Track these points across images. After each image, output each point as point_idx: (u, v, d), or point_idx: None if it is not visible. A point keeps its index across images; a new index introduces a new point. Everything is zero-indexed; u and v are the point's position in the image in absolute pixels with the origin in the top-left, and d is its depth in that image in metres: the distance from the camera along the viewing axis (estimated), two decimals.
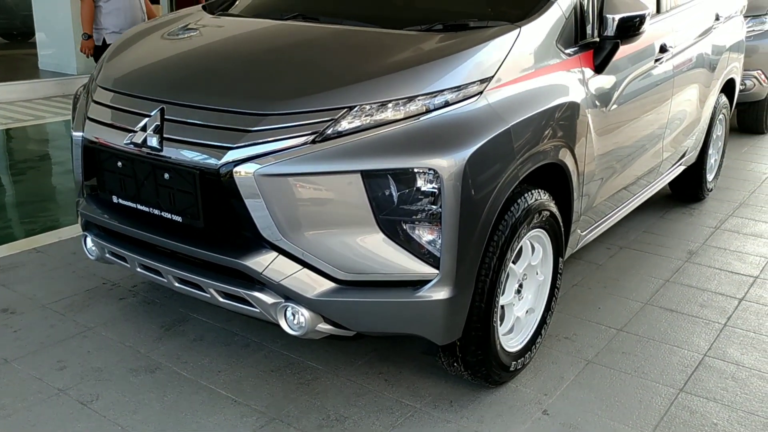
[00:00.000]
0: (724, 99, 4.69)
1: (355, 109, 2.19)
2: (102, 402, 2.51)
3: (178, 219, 2.35)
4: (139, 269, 2.59)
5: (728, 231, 4.34)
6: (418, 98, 2.23)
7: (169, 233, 2.40)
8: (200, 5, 3.47)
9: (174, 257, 2.43)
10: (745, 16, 5.15)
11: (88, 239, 2.75)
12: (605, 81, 2.93)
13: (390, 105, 2.21)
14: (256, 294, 2.27)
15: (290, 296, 2.23)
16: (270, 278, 2.20)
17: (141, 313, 3.14)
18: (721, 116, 4.73)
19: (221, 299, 2.39)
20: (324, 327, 2.30)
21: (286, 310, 2.28)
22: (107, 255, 2.71)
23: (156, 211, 2.40)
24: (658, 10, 3.55)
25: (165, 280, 2.52)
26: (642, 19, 2.80)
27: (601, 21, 2.78)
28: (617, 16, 2.75)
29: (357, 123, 2.19)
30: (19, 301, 3.21)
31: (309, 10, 3.03)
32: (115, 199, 2.53)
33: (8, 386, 2.59)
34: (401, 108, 2.22)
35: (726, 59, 4.47)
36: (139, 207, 2.45)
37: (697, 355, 2.93)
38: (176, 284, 2.49)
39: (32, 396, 2.54)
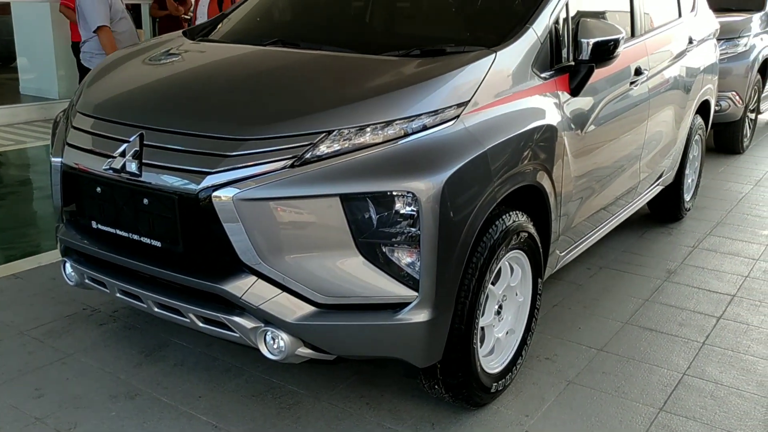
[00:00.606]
0: (699, 120, 4.77)
1: (334, 133, 2.22)
2: (80, 430, 2.49)
3: (158, 244, 2.35)
4: (118, 294, 2.58)
5: (706, 250, 4.39)
6: (396, 122, 2.25)
7: (148, 258, 2.39)
8: (180, 31, 3.50)
9: (153, 282, 2.43)
10: (719, 39, 5.25)
11: (68, 265, 2.74)
12: (581, 104, 2.98)
13: (368, 129, 2.24)
14: (236, 319, 2.26)
15: (270, 320, 2.23)
16: (249, 303, 2.20)
17: (121, 339, 3.12)
18: (697, 137, 4.81)
19: (201, 324, 2.38)
20: (304, 351, 2.30)
21: (265, 335, 2.28)
22: (86, 281, 2.70)
23: (135, 237, 2.40)
24: (633, 34, 3.62)
25: (144, 306, 2.52)
26: (616, 43, 2.86)
27: (576, 45, 2.83)
28: (592, 41, 2.80)
29: (336, 147, 2.21)
30: None
31: (288, 35, 3.06)
32: (94, 224, 2.52)
33: None
34: (379, 132, 2.24)
35: (700, 81, 4.55)
36: (119, 232, 2.45)
37: (677, 374, 2.95)
38: (156, 309, 2.48)
39: (8, 425, 2.51)
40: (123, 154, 2.35)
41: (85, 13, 5.28)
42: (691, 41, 4.38)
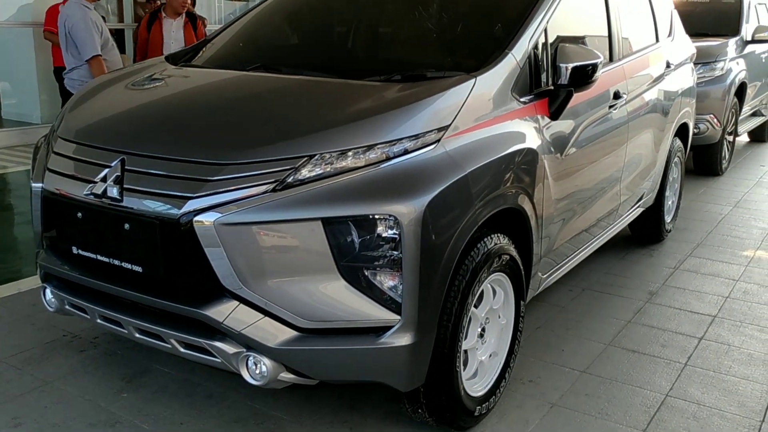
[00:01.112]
0: (678, 143, 4.84)
1: (316, 157, 2.23)
2: None
3: (138, 269, 2.34)
4: (99, 320, 2.56)
5: (687, 271, 4.43)
6: (378, 146, 2.27)
7: (129, 284, 2.38)
8: (163, 56, 3.51)
9: (134, 308, 2.41)
10: (696, 63, 5.35)
11: (48, 291, 2.71)
12: (561, 127, 3.01)
13: (350, 153, 2.25)
14: (217, 344, 2.25)
15: (252, 345, 2.22)
16: (231, 328, 2.19)
17: (102, 365, 3.09)
18: (676, 159, 4.87)
19: (182, 350, 2.36)
20: (286, 376, 2.29)
21: (247, 360, 2.26)
22: (67, 307, 2.67)
23: (116, 262, 2.39)
24: (611, 59, 3.68)
25: (125, 331, 2.49)
26: (594, 67, 2.90)
27: (555, 70, 2.87)
28: (570, 65, 2.84)
29: (318, 171, 2.22)
30: None
31: (271, 61, 3.08)
32: (74, 250, 2.51)
33: None
34: (361, 156, 2.25)
35: (678, 104, 4.62)
36: (99, 258, 2.43)
37: (660, 396, 2.96)
38: (137, 335, 2.46)
39: None
40: (104, 179, 2.35)
41: (78, 41, 5.33)
42: (668, 65, 4.46)
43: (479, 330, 2.67)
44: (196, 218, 2.17)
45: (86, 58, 5.33)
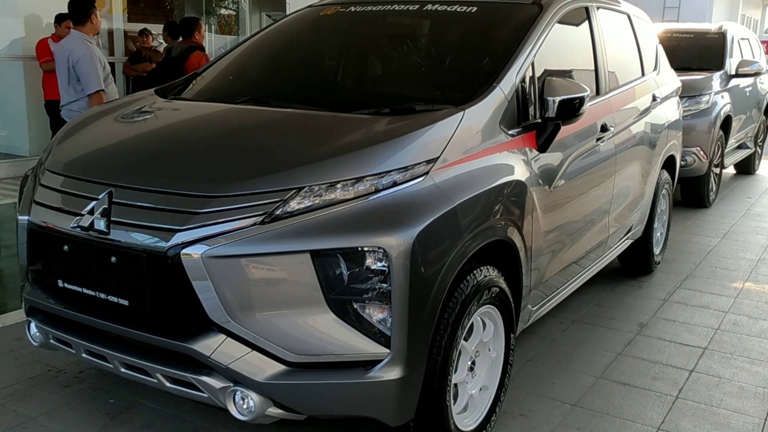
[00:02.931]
0: (666, 175, 4.88)
1: (304, 189, 2.23)
2: None
3: (125, 303, 2.31)
4: (84, 355, 2.52)
5: (677, 303, 4.43)
6: (367, 179, 2.27)
7: (115, 318, 2.35)
8: (153, 89, 3.52)
9: (120, 342, 2.38)
10: (681, 97, 5.42)
11: (32, 325, 2.68)
12: (549, 160, 3.03)
13: (339, 185, 2.25)
14: (204, 378, 2.22)
15: (239, 380, 2.19)
16: (218, 362, 2.16)
17: (87, 401, 3.04)
18: (664, 191, 4.90)
19: (168, 384, 2.33)
20: (274, 411, 2.26)
21: (234, 395, 2.23)
22: (51, 341, 2.63)
23: (102, 295, 2.36)
24: (598, 92, 3.72)
25: (111, 366, 2.46)
26: (581, 100, 2.93)
27: (543, 103, 2.89)
28: (557, 98, 2.87)
29: (306, 203, 2.21)
30: None
31: (260, 94, 3.10)
32: (60, 283, 2.48)
33: None
34: (350, 188, 2.25)
35: (665, 137, 4.67)
36: (85, 291, 2.40)
37: (651, 429, 2.94)
38: (122, 370, 2.43)
39: None
40: (91, 212, 2.34)
41: (82, 76, 5.41)
42: (654, 98, 4.51)
43: (469, 363, 2.65)
44: (184, 251, 2.16)
45: (89, 92, 5.41)
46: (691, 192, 7.04)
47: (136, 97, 3.36)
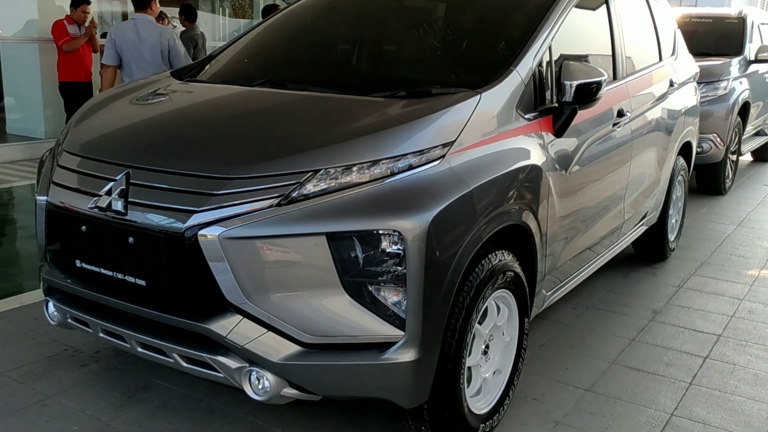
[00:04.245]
0: (682, 161, 4.84)
1: (321, 172, 2.23)
2: None
3: (142, 283, 2.33)
4: (101, 334, 2.55)
5: (691, 290, 4.41)
6: (383, 162, 2.27)
7: (132, 297, 2.37)
8: (168, 71, 3.53)
9: (137, 322, 2.40)
10: (699, 83, 5.36)
11: (50, 304, 2.70)
12: (565, 144, 3.01)
13: (355, 168, 2.25)
14: (220, 358, 2.24)
15: (255, 360, 2.21)
16: (234, 342, 2.18)
17: (103, 380, 3.07)
18: (680, 178, 4.87)
19: (185, 364, 2.35)
20: (289, 392, 2.27)
21: (250, 375, 2.25)
22: (69, 320, 2.66)
23: (119, 275, 2.38)
24: (615, 77, 3.69)
25: (128, 345, 2.48)
26: (599, 85, 2.91)
27: (560, 87, 2.87)
28: (575, 83, 2.85)
29: (322, 186, 2.21)
30: None
31: (276, 76, 3.09)
32: (78, 263, 2.50)
33: None
34: (366, 171, 2.25)
35: (682, 123, 4.63)
36: (103, 271, 2.42)
37: (665, 415, 2.94)
38: (139, 349, 2.45)
39: None
40: (109, 193, 2.35)
41: (178, 54, 6.07)
42: (672, 84, 4.47)
43: (483, 347, 2.66)
44: (201, 232, 2.17)
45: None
46: (707, 179, 6.99)
47: (153, 79, 3.37)
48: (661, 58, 4.47)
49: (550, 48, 2.97)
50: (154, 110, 2.92)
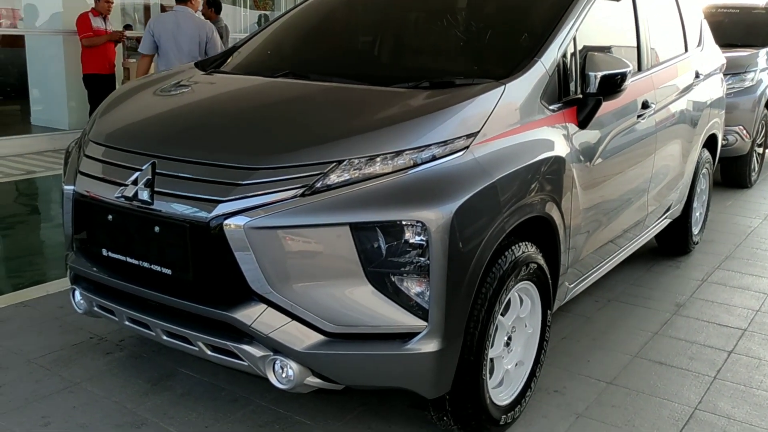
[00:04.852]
0: (706, 154, 4.79)
1: (344, 162, 2.23)
2: None
3: (168, 272, 2.36)
4: (127, 322, 2.58)
5: (715, 284, 4.37)
6: (406, 152, 2.27)
7: (158, 286, 2.40)
8: (193, 62, 3.55)
9: (162, 310, 2.43)
10: (725, 74, 5.29)
11: (77, 292, 2.74)
12: (589, 136, 2.99)
13: (378, 159, 2.25)
14: (245, 347, 2.26)
15: (279, 349, 2.22)
16: (258, 331, 2.20)
17: (128, 368, 3.11)
18: (704, 170, 4.82)
19: (209, 352, 2.37)
20: (313, 380, 2.29)
21: (274, 364, 2.27)
22: (95, 308, 2.70)
23: (145, 264, 2.41)
24: (640, 68, 3.66)
25: (153, 334, 2.51)
26: (623, 76, 2.88)
27: (584, 78, 2.86)
28: (599, 74, 2.83)
29: (346, 176, 2.22)
30: (5, 356, 3.18)
31: (299, 68, 3.10)
32: (104, 252, 2.53)
33: None
34: (389, 162, 2.25)
35: (707, 115, 4.58)
36: (129, 260, 2.45)
37: (688, 409, 2.92)
38: (164, 337, 2.48)
39: None
40: (135, 183, 2.37)
41: (215, 46, 6.32)
42: (697, 75, 4.42)
43: (505, 338, 2.65)
44: (226, 222, 2.18)
45: None
46: (732, 172, 6.91)
47: (177, 70, 3.39)
48: (686, 49, 4.42)
49: (574, 39, 2.95)
50: (178, 101, 2.94)
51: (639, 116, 3.50)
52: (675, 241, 4.78)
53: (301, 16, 3.81)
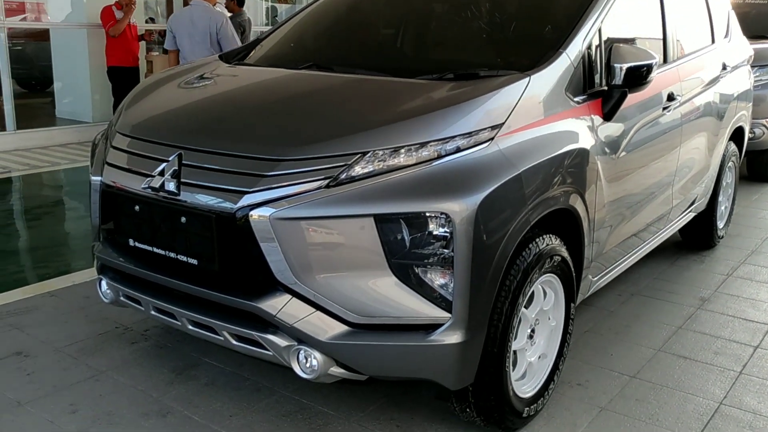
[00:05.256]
0: (733, 147, 4.73)
1: (369, 154, 2.24)
2: None
3: (194, 262, 2.38)
4: (153, 312, 2.61)
5: (741, 278, 4.32)
6: (431, 144, 2.27)
7: (184, 276, 2.42)
8: (216, 55, 3.57)
9: (188, 300, 2.45)
10: (752, 66, 5.21)
11: (103, 282, 2.77)
12: (614, 129, 2.97)
13: (403, 150, 2.25)
14: (270, 337, 2.28)
15: (303, 339, 2.24)
16: (283, 321, 2.21)
17: (153, 357, 3.15)
18: (730, 164, 4.76)
19: (234, 342, 2.40)
20: (336, 371, 2.30)
21: (298, 353, 2.29)
22: (121, 298, 2.73)
23: (172, 255, 2.43)
24: (666, 60, 3.62)
25: (179, 323, 2.54)
26: (649, 68, 2.86)
27: (609, 70, 2.83)
28: (625, 66, 2.81)
29: (370, 168, 2.23)
30: (33, 345, 3.23)
31: (323, 59, 3.11)
32: (131, 242, 2.56)
33: (21, 429, 2.59)
34: (414, 153, 2.26)
35: (734, 108, 4.52)
36: (155, 250, 2.48)
37: (713, 403, 2.90)
38: (190, 327, 2.50)
39: None
40: (162, 174, 2.40)
41: (226, 39, 6.41)
42: (724, 67, 4.36)
43: (529, 331, 2.65)
44: (252, 212, 2.20)
45: None
46: (759, 165, 6.81)
47: (202, 63, 3.41)
48: (713, 41, 4.37)
49: (599, 30, 2.93)
50: (204, 92, 2.97)
51: (664, 108, 3.47)
52: (699, 235, 4.73)
53: (324, 8, 3.81)
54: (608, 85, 2.86)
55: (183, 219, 2.36)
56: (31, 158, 7.70)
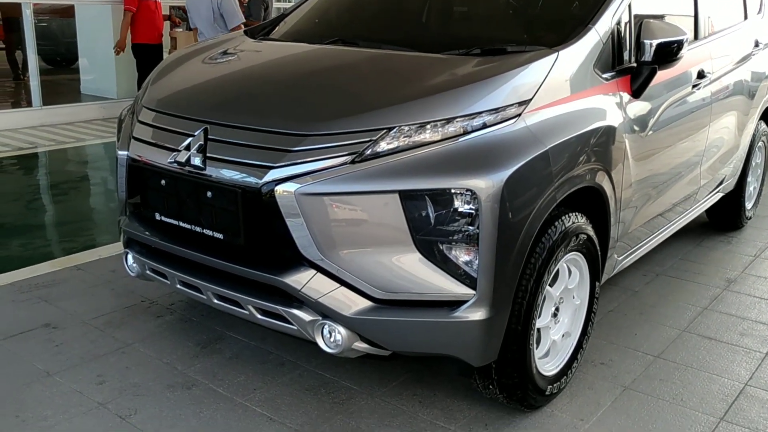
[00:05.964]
0: (763, 126, 4.64)
1: (394, 130, 2.23)
2: (140, 416, 2.55)
3: (220, 236, 2.39)
4: (179, 286, 2.64)
5: None
6: (457, 120, 2.25)
7: (210, 250, 2.44)
8: (242, 30, 3.56)
9: (214, 274, 2.47)
10: None
11: (130, 256, 2.80)
12: (643, 106, 2.92)
13: (428, 126, 2.24)
14: (294, 311, 2.29)
15: (327, 314, 2.25)
16: (308, 296, 2.22)
17: (178, 331, 3.19)
18: (760, 144, 4.68)
19: (259, 316, 2.41)
20: (360, 345, 2.31)
21: (323, 328, 2.30)
22: (148, 272, 2.76)
23: (198, 229, 2.45)
24: (696, 36, 3.55)
25: (204, 297, 2.56)
26: (680, 44, 2.81)
27: (639, 46, 2.79)
28: (655, 42, 2.76)
29: (396, 144, 2.21)
30: (61, 317, 3.28)
31: (348, 34, 3.09)
32: (157, 216, 2.58)
33: (50, 398, 2.64)
34: (439, 129, 2.24)
35: (766, 86, 4.42)
36: (182, 224, 2.50)
37: (738, 384, 2.87)
38: (215, 301, 2.53)
39: (73, 408, 2.58)
40: (188, 148, 2.40)
41: (227, 13, 6.42)
42: (757, 44, 4.27)
43: (553, 309, 2.64)
44: (277, 188, 2.20)
45: (232, 26, 6.36)
46: None
47: (227, 38, 3.41)
48: (746, 17, 4.27)
49: (629, 6, 2.87)
50: (230, 67, 2.96)
51: (694, 86, 3.41)
52: (727, 216, 4.66)
53: None
54: (637, 61, 2.81)
55: (209, 193, 2.37)
56: (56, 134, 7.77)
